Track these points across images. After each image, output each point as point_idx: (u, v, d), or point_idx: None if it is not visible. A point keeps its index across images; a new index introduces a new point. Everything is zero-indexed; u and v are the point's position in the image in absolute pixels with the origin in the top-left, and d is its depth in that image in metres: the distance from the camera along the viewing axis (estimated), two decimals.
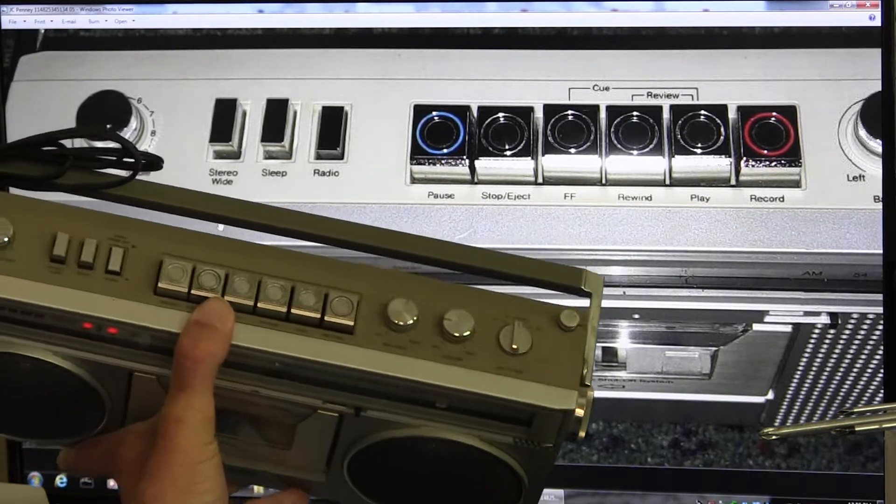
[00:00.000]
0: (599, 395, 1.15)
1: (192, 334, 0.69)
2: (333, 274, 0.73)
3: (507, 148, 1.12)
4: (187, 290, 0.71)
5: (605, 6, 1.14)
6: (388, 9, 1.16)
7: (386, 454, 0.76)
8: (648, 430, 1.14)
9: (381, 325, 0.72)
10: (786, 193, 1.10)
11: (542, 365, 0.72)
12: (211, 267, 0.71)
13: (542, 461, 0.76)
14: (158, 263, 0.71)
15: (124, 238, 0.71)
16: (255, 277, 0.71)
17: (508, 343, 0.72)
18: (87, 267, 0.70)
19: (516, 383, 0.72)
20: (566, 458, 1.14)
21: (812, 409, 1.15)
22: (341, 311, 0.71)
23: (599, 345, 1.14)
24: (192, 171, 1.14)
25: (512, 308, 0.74)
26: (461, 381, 0.71)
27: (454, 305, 0.72)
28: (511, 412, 0.73)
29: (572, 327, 0.73)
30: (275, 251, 0.74)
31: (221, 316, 0.70)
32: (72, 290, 0.69)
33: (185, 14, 1.17)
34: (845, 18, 1.12)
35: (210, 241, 0.73)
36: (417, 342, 0.72)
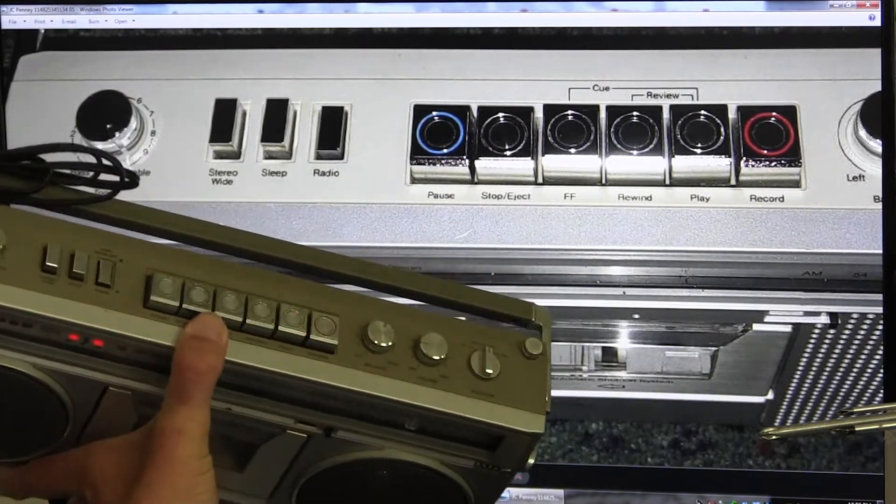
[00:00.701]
0: (599, 395, 1.15)
1: (194, 347, 0.70)
2: (314, 296, 0.75)
3: (507, 148, 1.12)
4: (178, 305, 0.71)
5: (605, 6, 1.14)
6: (388, 9, 1.16)
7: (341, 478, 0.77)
8: (648, 430, 1.14)
9: (361, 346, 0.74)
10: (786, 193, 1.10)
11: (511, 390, 0.75)
12: (200, 283, 0.72)
13: (495, 487, 0.79)
14: (146, 278, 0.71)
15: (111, 252, 0.72)
16: (242, 295, 0.72)
17: (480, 367, 0.75)
18: (79, 278, 0.70)
19: (489, 406, 0.74)
20: (566, 458, 1.14)
21: (812, 409, 1.16)
22: (325, 330, 0.73)
23: (599, 345, 1.14)
24: (192, 171, 1.14)
25: (480, 335, 0.76)
26: (438, 401, 0.74)
27: (428, 330, 0.75)
28: (478, 435, 0.76)
29: (536, 355, 0.77)
30: (260, 273, 0.75)
31: (218, 330, 0.71)
32: (65, 300, 0.69)
33: (185, 14, 1.17)
34: (845, 18, 1.12)
35: (196, 258, 0.74)
36: (395, 364, 0.74)
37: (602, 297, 1.11)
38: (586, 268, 1.11)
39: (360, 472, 0.77)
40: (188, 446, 0.70)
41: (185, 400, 0.70)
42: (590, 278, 1.11)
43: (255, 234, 0.78)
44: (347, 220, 1.12)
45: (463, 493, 0.78)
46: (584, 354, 1.15)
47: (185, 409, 0.70)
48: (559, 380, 1.15)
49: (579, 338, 1.14)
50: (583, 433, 1.14)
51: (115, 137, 1.14)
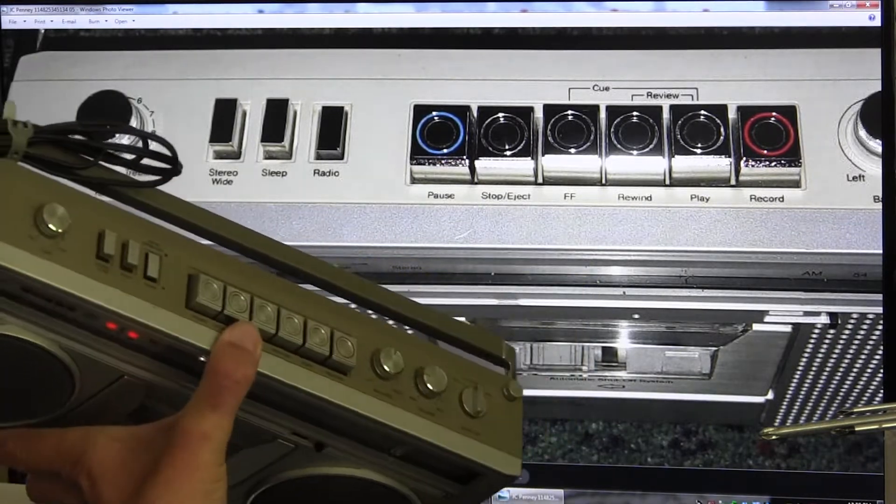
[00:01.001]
0: (599, 395, 1.15)
1: (233, 356, 0.70)
2: (335, 315, 0.75)
3: (507, 148, 1.12)
4: (220, 310, 0.71)
5: (605, 6, 1.14)
6: (388, 9, 1.16)
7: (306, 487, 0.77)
8: (648, 430, 1.14)
9: (371, 371, 0.74)
10: (786, 193, 1.10)
11: (495, 430, 0.77)
12: (239, 289, 0.72)
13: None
14: (189, 277, 0.71)
15: (158, 245, 0.71)
16: (275, 307, 0.72)
17: (471, 405, 0.76)
18: (129, 269, 0.69)
19: (477, 445, 0.76)
20: (566, 458, 1.14)
21: (812, 409, 1.15)
22: (345, 351, 0.73)
23: (599, 345, 1.14)
24: (192, 171, 1.13)
25: (471, 372, 0.78)
26: (435, 435, 0.75)
27: (431, 362, 0.76)
28: (456, 469, 0.77)
29: (516, 398, 0.78)
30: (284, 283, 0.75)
31: (255, 341, 0.70)
32: (117, 290, 0.69)
33: (186, 14, 1.17)
34: (845, 18, 1.12)
35: (234, 263, 0.74)
36: (399, 392, 0.74)
37: (602, 297, 1.11)
38: (586, 268, 1.11)
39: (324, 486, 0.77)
40: (211, 452, 0.69)
41: (217, 406, 0.69)
42: (590, 278, 1.11)
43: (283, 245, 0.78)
44: (347, 220, 1.12)
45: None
46: (584, 354, 1.15)
47: (216, 415, 0.69)
48: (559, 380, 1.15)
49: (579, 338, 1.14)
50: (583, 433, 1.14)
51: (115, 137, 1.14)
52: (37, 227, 0.67)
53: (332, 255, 1.12)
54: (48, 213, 0.67)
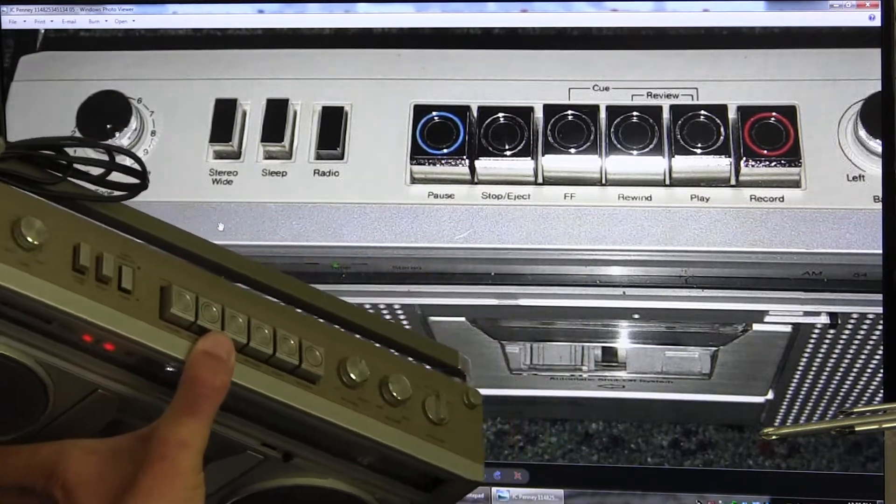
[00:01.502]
0: (599, 395, 1.15)
1: (209, 364, 0.71)
2: (303, 326, 0.76)
3: (507, 148, 1.12)
4: (193, 320, 0.72)
5: (605, 6, 1.14)
6: (388, 9, 1.16)
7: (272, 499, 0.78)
8: (648, 430, 1.14)
9: (338, 380, 0.75)
10: (786, 193, 1.10)
11: (458, 437, 0.78)
12: (213, 301, 0.73)
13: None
14: (162, 289, 0.72)
15: (130, 258, 0.72)
16: (245, 317, 0.73)
17: (435, 413, 0.77)
18: (105, 281, 0.70)
19: (441, 451, 0.77)
20: (566, 458, 1.14)
21: (812, 409, 1.16)
22: (313, 360, 0.74)
23: (599, 345, 1.14)
24: (192, 171, 1.14)
25: (431, 379, 0.79)
26: (402, 442, 0.76)
27: (395, 370, 0.77)
28: (421, 477, 0.78)
29: (476, 405, 0.80)
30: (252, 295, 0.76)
31: (228, 350, 0.71)
32: (93, 302, 0.69)
33: (185, 14, 1.17)
34: (845, 18, 1.12)
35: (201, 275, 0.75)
36: (365, 400, 0.75)
37: (602, 297, 1.11)
38: (586, 268, 1.11)
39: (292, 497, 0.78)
40: (189, 459, 0.70)
41: (195, 413, 0.70)
42: (590, 278, 1.11)
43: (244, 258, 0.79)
44: (347, 220, 1.12)
45: None
46: (584, 354, 1.15)
47: (194, 422, 0.70)
48: (559, 380, 1.15)
49: (579, 338, 1.14)
50: (583, 433, 1.14)
51: (115, 137, 1.14)
52: (14, 240, 0.67)
53: (332, 255, 1.12)
54: (26, 226, 0.67)
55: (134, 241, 0.74)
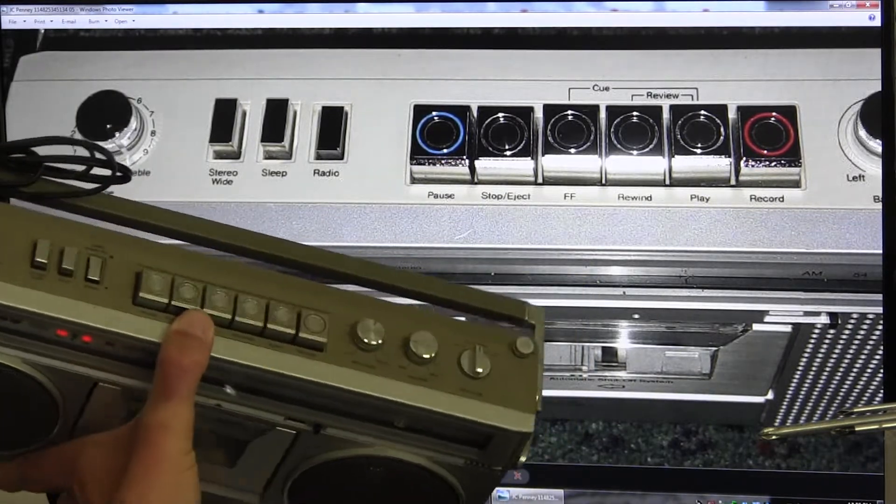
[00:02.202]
0: (599, 395, 1.15)
1: (178, 343, 0.70)
2: (305, 294, 0.75)
3: (507, 148, 1.12)
4: (167, 302, 0.71)
5: (605, 6, 1.14)
6: (388, 9, 1.16)
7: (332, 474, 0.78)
8: (648, 430, 1.14)
9: (351, 345, 0.74)
10: (786, 193, 1.10)
11: (501, 389, 0.75)
12: (189, 280, 0.72)
13: (487, 485, 0.79)
14: (136, 274, 0.72)
15: (102, 248, 0.72)
16: (231, 293, 0.73)
17: (470, 366, 0.75)
18: (68, 274, 0.70)
19: (478, 405, 0.74)
20: (566, 458, 1.14)
21: (812, 409, 1.16)
22: (314, 328, 0.73)
23: (599, 345, 1.14)
24: (192, 171, 1.14)
25: (471, 333, 0.77)
26: (428, 400, 0.74)
27: (418, 328, 0.75)
28: (468, 434, 0.76)
29: (527, 354, 0.77)
30: (249, 269, 0.75)
31: (204, 326, 0.71)
32: (54, 296, 0.69)
33: (185, 14, 1.17)
34: (845, 18, 1.12)
35: (186, 255, 0.74)
36: (384, 362, 0.74)
37: (602, 297, 1.11)
38: (586, 268, 1.11)
39: (350, 469, 0.77)
40: (173, 441, 0.70)
41: (170, 395, 0.70)
42: (590, 278, 1.11)
43: (248, 231, 0.78)
44: (347, 220, 1.12)
45: (454, 490, 0.78)
46: (584, 354, 1.15)
47: (170, 404, 0.70)
48: (559, 380, 1.15)
49: (579, 338, 1.14)
50: (583, 433, 1.14)
51: (115, 137, 1.14)
52: None
53: None
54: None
55: (112, 232, 0.74)
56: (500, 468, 0.78)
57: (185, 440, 0.71)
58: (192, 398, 0.71)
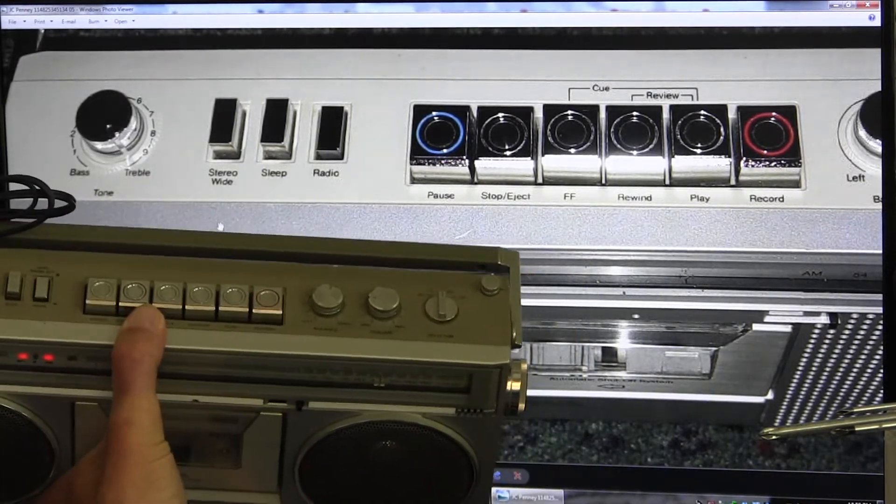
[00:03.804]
0: (599, 395, 1.15)
1: (128, 339, 0.71)
2: (256, 274, 0.75)
3: (507, 148, 1.12)
4: (115, 304, 0.72)
5: (605, 6, 1.14)
6: (388, 9, 1.16)
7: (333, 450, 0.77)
8: (648, 430, 1.14)
9: (310, 312, 0.74)
10: (786, 193, 1.10)
11: (471, 328, 0.75)
12: (136, 281, 0.73)
13: (488, 432, 0.78)
14: (84, 286, 0.73)
15: (47, 268, 0.73)
16: (179, 285, 0.73)
17: (435, 312, 0.75)
18: (15, 297, 0.71)
19: (449, 346, 0.74)
20: (566, 459, 1.14)
21: (812, 409, 1.16)
22: (268, 302, 0.73)
23: (599, 345, 1.14)
24: (192, 171, 1.14)
25: (433, 282, 0.76)
26: (396, 351, 0.73)
27: (376, 285, 0.75)
28: (448, 379, 0.75)
29: (494, 290, 0.76)
30: (197, 263, 0.76)
31: (152, 319, 0.72)
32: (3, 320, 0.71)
33: (185, 14, 1.17)
34: (845, 18, 1.12)
35: (132, 260, 0.75)
36: (347, 323, 0.74)
37: (602, 297, 1.11)
38: (586, 268, 1.11)
39: (348, 442, 0.77)
40: (138, 435, 0.71)
41: (126, 390, 0.71)
42: (590, 278, 1.11)
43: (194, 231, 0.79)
44: (347, 220, 1.12)
45: (455, 442, 0.78)
46: (584, 354, 1.15)
47: (129, 398, 0.71)
48: (559, 380, 1.15)
49: (579, 338, 1.14)
50: (583, 433, 1.14)
51: (115, 137, 1.14)
52: None
53: None
54: None
55: (55, 253, 0.75)
56: (493, 411, 0.77)
57: (152, 432, 0.71)
58: (151, 389, 0.71)
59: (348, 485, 0.80)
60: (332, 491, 0.80)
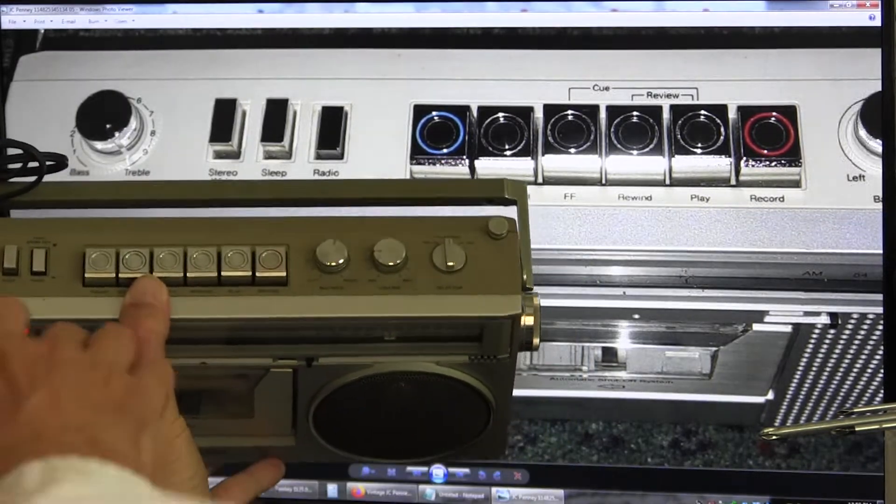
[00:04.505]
0: (599, 395, 1.15)
1: (131, 316, 0.69)
2: (256, 232, 0.74)
3: (507, 148, 1.12)
4: (115, 275, 0.71)
5: (605, 6, 1.14)
6: (388, 9, 1.16)
7: (347, 400, 0.76)
8: (648, 430, 1.14)
9: (315, 271, 0.72)
10: (786, 193, 1.10)
11: (481, 277, 0.73)
12: (134, 248, 0.71)
13: (503, 374, 0.77)
14: (82, 256, 0.71)
15: (43, 239, 0.71)
16: (179, 250, 0.72)
17: (442, 261, 0.73)
18: (12, 273, 0.70)
19: (458, 299, 0.72)
20: (566, 459, 1.14)
21: (812, 409, 1.15)
22: (271, 264, 0.72)
23: (599, 345, 1.14)
24: (192, 171, 1.14)
25: (439, 228, 0.74)
26: (404, 307, 0.72)
27: (382, 237, 0.73)
28: (459, 330, 0.74)
29: (503, 234, 0.75)
30: (196, 222, 0.74)
31: (154, 292, 0.70)
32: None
33: (185, 14, 1.17)
34: (845, 18, 1.12)
35: (129, 224, 0.74)
36: (353, 280, 0.72)
37: (602, 297, 1.11)
38: (586, 268, 1.11)
39: (361, 393, 0.76)
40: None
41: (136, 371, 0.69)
42: (590, 278, 1.11)
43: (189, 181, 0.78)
44: None
45: (470, 386, 0.76)
46: (584, 354, 1.15)
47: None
48: (559, 380, 1.15)
49: (579, 338, 1.14)
50: (583, 433, 1.14)
51: (114, 137, 1.14)
52: None
53: None
54: None
55: (52, 220, 0.73)
56: (506, 356, 0.75)
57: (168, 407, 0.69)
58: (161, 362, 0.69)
59: (364, 427, 0.79)
60: (347, 433, 0.79)
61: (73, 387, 0.61)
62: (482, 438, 0.80)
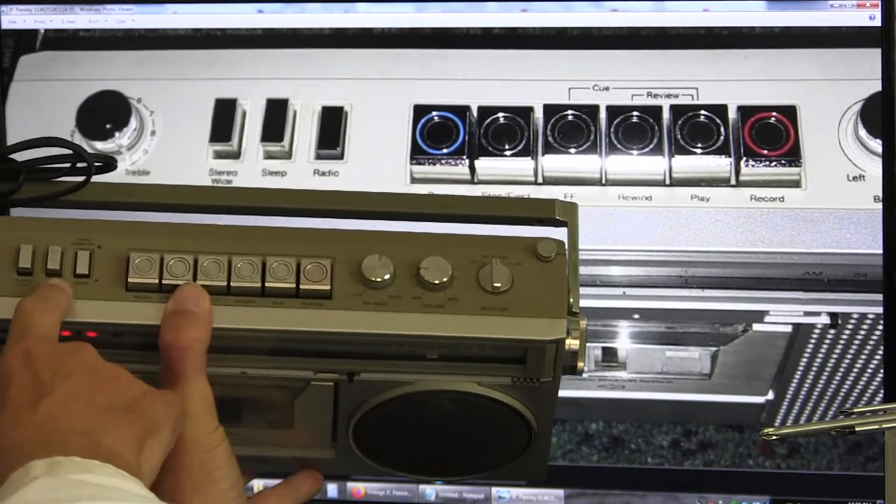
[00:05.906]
0: (599, 395, 1.15)
1: (173, 324, 0.69)
2: (302, 243, 0.73)
3: (507, 148, 1.12)
4: (158, 281, 0.70)
5: (605, 6, 1.14)
6: (388, 9, 1.16)
7: (387, 416, 0.76)
8: (648, 430, 1.14)
9: (359, 285, 0.71)
10: (786, 193, 1.10)
11: (526, 299, 0.72)
12: (179, 254, 0.71)
13: (546, 397, 0.75)
14: (126, 259, 0.70)
15: (88, 240, 0.71)
16: (224, 258, 0.71)
17: (489, 282, 0.71)
18: (56, 274, 0.70)
19: (503, 321, 0.71)
20: (566, 459, 1.14)
21: (812, 409, 1.15)
22: (316, 276, 0.71)
23: (599, 345, 1.14)
24: (192, 171, 1.14)
25: (487, 247, 0.73)
26: (448, 327, 0.71)
27: (429, 254, 0.72)
28: (503, 351, 0.73)
29: (551, 257, 0.73)
30: (242, 230, 0.73)
31: (197, 300, 0.70)
32: None
33: (185, 14, 1.17)
34: (845, 18, 1.12)
35: (175, 229, 0.73)
36: (397, 296, 0.71)
37: (602, 297, 1.11)
38: (586, 268, 1.11)
39: (402, 409, 0.75)
40: (193, 425, 0.69)
41: (177, 380, 0.69)
42: (590, 278, 1.11)
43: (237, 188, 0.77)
44: None
45: (512, 409, 0.75)
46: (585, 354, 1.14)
47: (180, 388, 0.69)
48: None
49: None
50: (583, 433, 1.14)
51: (114, 137, 1.14)
52: None
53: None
54: None
55: (97, 221, 0.73)
56: (549, 379, 0.74)
57: (206, 420, 0.69)
58: (202, 374, 0.69)
59: (403, 443, 0.78)
60: (386, 449, 0.79)
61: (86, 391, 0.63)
62: (522, 460, 0.79)
